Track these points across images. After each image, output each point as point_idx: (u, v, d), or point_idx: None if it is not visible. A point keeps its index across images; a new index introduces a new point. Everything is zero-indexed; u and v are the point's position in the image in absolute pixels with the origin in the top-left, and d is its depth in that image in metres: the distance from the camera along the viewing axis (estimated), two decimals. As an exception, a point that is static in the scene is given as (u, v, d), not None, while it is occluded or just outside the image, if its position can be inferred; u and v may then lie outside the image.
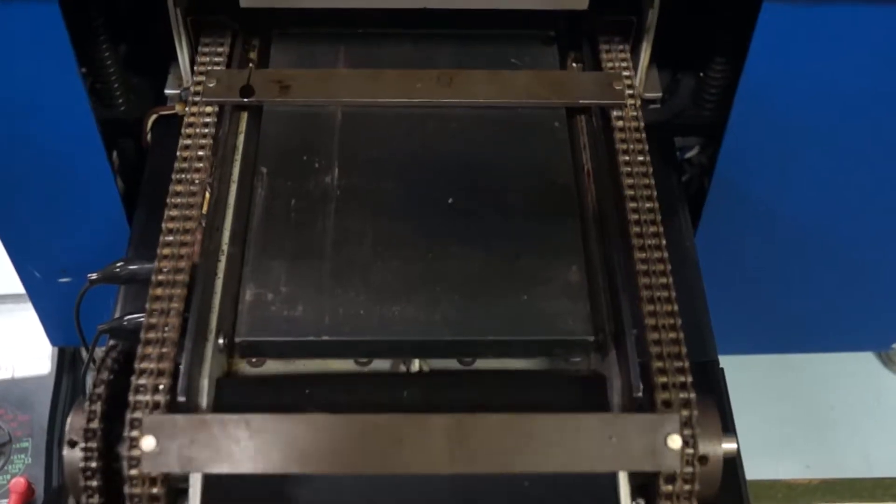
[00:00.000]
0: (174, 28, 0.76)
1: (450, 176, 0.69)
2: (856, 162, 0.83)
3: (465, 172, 0.70)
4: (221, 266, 0.64)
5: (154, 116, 0.83)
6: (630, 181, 0.66)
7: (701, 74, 0.84)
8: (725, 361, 0.72)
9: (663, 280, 0.61)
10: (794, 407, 1.27)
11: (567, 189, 0.69)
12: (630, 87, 0.73)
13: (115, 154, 0.85)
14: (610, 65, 0.76)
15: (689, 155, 0.89)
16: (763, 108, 0.77)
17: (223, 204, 0.67)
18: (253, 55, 0.78)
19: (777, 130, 0.79)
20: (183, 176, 0.66)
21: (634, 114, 0.71)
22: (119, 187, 0.85)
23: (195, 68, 0.75)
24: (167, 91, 0.82)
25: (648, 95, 0.84)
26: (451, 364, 0.64)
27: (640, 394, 0.56)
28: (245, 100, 0.70)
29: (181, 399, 0.55)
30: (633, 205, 0.65)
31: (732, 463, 0.58)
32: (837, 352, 1.24)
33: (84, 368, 0.78)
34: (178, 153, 0.67)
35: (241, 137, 0.72)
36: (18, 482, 1.03)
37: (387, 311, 0.61)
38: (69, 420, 0.56)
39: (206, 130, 0.68)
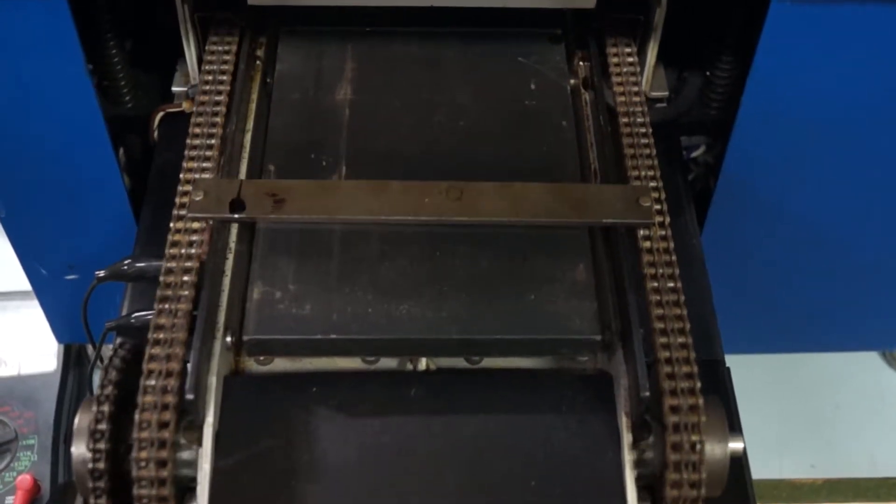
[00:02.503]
0: (182, 25, 0.77)
1: (457, 173, 0.69)
2: (863, 161, 0.83)
3: (472, 169, 0.70)
4: (229, 264, 0.64)
5: (161, 114, 0.83)
6: (660, 311, 0.60)
7: (707, 73, 0.84)
8: (730, 360, 0.72)
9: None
10: (799, 406, 1.27)
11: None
12: (658, 200, 0.65)
13: (121, 151, 0.85)
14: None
15: (695, 154, 0.89)
16: (771, 107, 0.77)
17: (231, 201, 0.67)
18: (260, 52, 0.78)
19: (784, 129, 0.79)
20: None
21: (663, 233, 0.63)
22: (126, 184, 0.85)
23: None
24: (174, 88, 0.83)
25: (655, 94, 0.84)
26: (459, 363, 0.64)
27: (647, 393, 0.56)
28: (235, 216, 0.63)
29: (189, 397, 0.55)
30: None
31: (738, 462, 0.59)
32: (842, 351, 1.24)
33: (91, 366, 0.78)
34: (162, 269, 0.61)
35: (248, 136, 0.72)
36: (24, 479, 1.03)
37: (394, 310, 0.61)
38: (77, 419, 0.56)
39: (192, 251, 0.62)
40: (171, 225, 0.62)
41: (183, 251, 0.62)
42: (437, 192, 0.63)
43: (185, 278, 0.60)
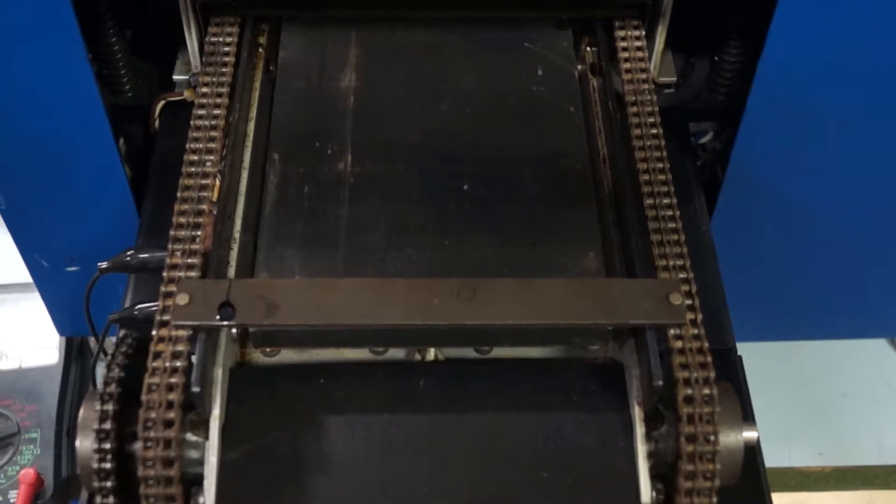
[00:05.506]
0: (182, 12, 0.76)
1: (465, 161, 0.68)
2: (874, 147, 0.82)
3: (480, 158, 0.69)
4: (234, 254, 0.63)
5: (162, 102, 0.82)
6: (689, 410, 0.54)
7: (715, 58, 0.83)
8: (738, 348, 0.71)
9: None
10: (807, 394, 1.27)
11: (583, 174, 0.68)
12: (689, 294, 0.59)
13: (122, 141, 0.84)
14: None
15: (703, 140, 0.88)
16: (781, 92, 0.76)
17: (234, 191, 0.66)
18: (262, 40, 0.77)
19: (795, 115, 0.78)
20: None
21: (696, 332, 0.57)
22: (127, 174, 0.84)
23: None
24: (175, 77, 0.82)
25: (663, 80, 0.83)
26: (468, 353, 0.63)
27: (660, 382, 0.55)
28: (224, 323, 0.56)
29: (195, 390, 0.54)
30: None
31: (752, 451, 0.58)
32: (850, 338, 1.23)
33: (94, 359, 0.78)
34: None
35: (252, 124, 0.71)
36: (28, 473, 1.02)
37: (402, 299, 0.60)
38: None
39: (179, 364, 0.55)
40: (154, 332, 0.56)
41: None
42: (446, 292, 0.56)
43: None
